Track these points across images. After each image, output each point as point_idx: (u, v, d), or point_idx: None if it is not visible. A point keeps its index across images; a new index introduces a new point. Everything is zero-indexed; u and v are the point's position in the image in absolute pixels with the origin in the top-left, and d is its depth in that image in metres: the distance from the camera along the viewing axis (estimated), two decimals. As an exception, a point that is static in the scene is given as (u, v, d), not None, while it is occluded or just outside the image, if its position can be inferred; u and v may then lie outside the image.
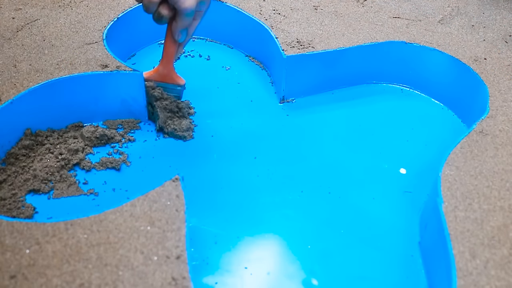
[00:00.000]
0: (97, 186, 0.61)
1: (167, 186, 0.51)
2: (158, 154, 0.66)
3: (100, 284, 0.43)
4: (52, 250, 0.45)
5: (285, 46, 0.72)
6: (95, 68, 0.66)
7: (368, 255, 0.56)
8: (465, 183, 0.54)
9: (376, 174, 0.65)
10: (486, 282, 0.45)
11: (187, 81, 0.68)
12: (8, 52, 0.68)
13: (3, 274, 0.43)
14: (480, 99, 0.68)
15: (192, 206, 0.59)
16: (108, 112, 0.68)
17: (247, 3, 0.81)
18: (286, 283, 0.53)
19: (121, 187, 0.61)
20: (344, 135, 0.70)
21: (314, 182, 0.64)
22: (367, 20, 0.79)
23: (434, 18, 0.81)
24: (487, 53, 0.74)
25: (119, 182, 0.62)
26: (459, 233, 0.49)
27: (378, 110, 0.74)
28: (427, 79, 0.76)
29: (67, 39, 0.71)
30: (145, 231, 0.47)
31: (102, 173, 0.63)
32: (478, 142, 0.60)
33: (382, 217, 0.60)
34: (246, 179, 0.64)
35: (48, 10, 0.77)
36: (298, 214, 0.60)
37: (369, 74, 0.78)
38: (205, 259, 0.54)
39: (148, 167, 0.64)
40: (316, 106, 0.75)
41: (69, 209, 0.58)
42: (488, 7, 0.85)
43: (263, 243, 0.57)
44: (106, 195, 0.60)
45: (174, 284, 0.43)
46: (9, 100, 0.60)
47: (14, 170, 0.60)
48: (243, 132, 0.70)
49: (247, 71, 0.80)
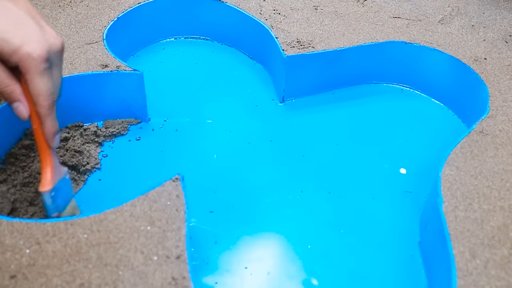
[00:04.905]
0: (97, 186, 0.61)
1: (167, 186, 0.51)
2: (158, 154, 0.66)
3: (100, 284, 0.43)
4: (52, 250, 0.45)
5: (285, 46, 0.72)
6: (95, 68, 0.66)
7: (368, 255, 0.56)
8: (465, 183, 0.54)
9: (376, 174, 0.65)
10: (486, 282, 0.45)
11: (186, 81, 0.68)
12: (8, 52, 0.68)
13: (3, 274, 0.43)
14: (480, 99, 0.68)
15: (192, 206, 0.59)
16: (108, 112, 0.68)
17: (247, 3, 0.81)
18: (286, 283, 0.53)
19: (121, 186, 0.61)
20: (344, 135, 0.70)
21: (314, 182, 0.64)
22: (367, 20, 0.79)
23: (434, 18, 0.81)
24: (487, 53, 0.74)
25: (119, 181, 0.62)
26: (459, 233, 0.49)
27: (378, 110, 0.74)
28: (427, 79, 0.76)
29: (67, 39, 0.71)
30: (145, 231, 0.47)
31: (102, 173, 0.63)
32: (478, 142, 0.60)
33: (382, 217, 0.60)
34: (246, 179, 0.64)
35: (48, 10, 0.77)
36: (298, 214, 0.60)
37: (369, 74, 0.78)
38: (205, 259, 0.54)
39: (148, 167, 0.64)
40: (316, 106, 0.75)
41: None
42: (488, 7, 0.85)
43: (263, 243, 0.57)
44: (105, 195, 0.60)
45: (174, 284, 0.43)
46: (9, 100, 0.60)
47: (14, 170, 0.60)
48: (243, 132, 0.70)
49: (247, 71, 0.80)
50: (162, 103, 0.73)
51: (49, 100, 0.45)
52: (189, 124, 0.70)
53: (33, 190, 0.58)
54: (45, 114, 0.46)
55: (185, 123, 0.70)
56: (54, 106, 0.47)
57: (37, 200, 0.58)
